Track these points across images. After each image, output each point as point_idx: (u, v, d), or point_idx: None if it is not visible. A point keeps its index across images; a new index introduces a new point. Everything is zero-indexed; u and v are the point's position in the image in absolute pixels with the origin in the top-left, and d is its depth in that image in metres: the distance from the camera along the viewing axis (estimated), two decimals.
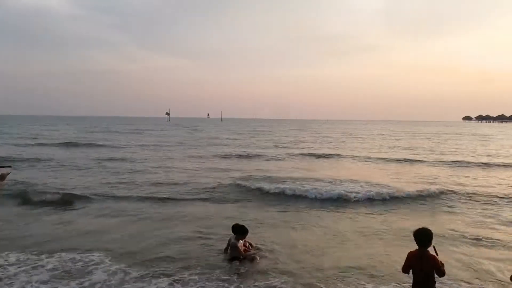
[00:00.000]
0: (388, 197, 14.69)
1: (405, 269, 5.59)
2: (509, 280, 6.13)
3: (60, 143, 39.02)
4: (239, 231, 8.73)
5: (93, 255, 8.42)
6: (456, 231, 10.57)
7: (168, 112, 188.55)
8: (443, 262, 5.40)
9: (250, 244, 8.99)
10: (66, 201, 13.92)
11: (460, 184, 18.11)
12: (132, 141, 44.75)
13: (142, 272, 7.64)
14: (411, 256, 5.51)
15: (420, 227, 5.60)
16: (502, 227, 11.04)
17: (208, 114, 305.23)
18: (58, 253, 8.48)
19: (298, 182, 17.49)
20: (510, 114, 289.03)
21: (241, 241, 8.68)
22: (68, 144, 38.06)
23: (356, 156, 30.82)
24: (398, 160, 28.45)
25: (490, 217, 12.23)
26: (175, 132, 74.68)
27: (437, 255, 5.40)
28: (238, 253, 8.46)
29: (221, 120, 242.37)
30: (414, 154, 33.24)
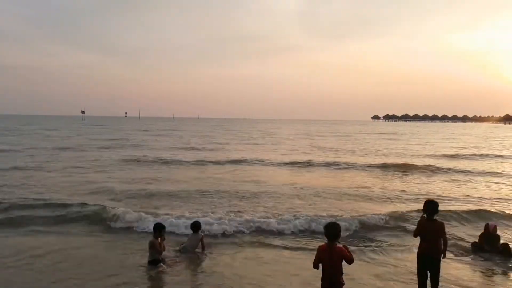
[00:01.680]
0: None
1: (315, 264, 5.66)
2: None
3: None
4: (155, 228, 8.52)
5: None
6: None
7: (83, 110, 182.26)
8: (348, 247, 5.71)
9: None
10: None
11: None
12: (28, 143, 39.22)
13: None
14: (321, 250, 5.63)
15: (330, 221, 5.96)
16: None
17: (126, 113, 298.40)
18: None
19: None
20: (413, 114, 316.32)
21: (159, 239, 8.40)
22: None
23: (264, 161, 27.06)
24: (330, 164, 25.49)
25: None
26: (87, 130, 69.22)
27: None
28: (156, 253, 8.22)
29: (139, 119, 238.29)
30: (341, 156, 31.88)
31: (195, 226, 9.27)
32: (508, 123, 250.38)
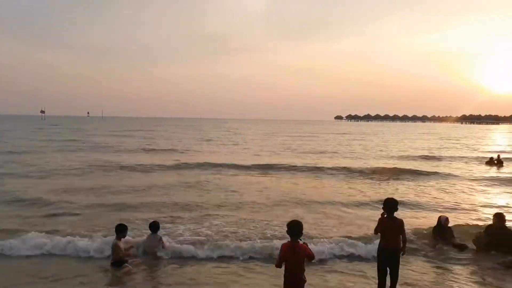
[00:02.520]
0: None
1: (280, 263, 5.70)
2: None
3: None
4: (117, 229, 8.40)
5: None
6: None
7: (43, 110, 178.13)
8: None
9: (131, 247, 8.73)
10: None
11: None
12: None
13: None
14: (285, 248, 5.67)
15: (293, 219, 5.92)
16: None
17: (88, 113, 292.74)
18: None
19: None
20: (375, 114, 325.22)
21: (123, 240, 8.36)
22: None
23: (228, 164, 25.16)
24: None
25: None
26: (45, 131, 64.98)
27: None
28: (119, 255, 8.15)
29: (102, 119, 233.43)
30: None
31: (154, 226, 9.06)
32: (465, 123, 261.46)
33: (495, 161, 28.11)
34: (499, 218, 9.36)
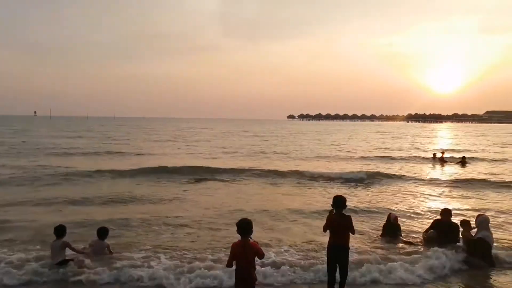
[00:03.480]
0: None
1: (230, 263, 5.74)
2: None
3: None
4: (58, 231, 8.09)
5: None
6: None
7: None
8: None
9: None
10: None
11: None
12: None
13: None
14: (235, 247, 5.70)
15: (242, 218, 5.87)
16: None
17: (35, 112, 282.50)
18: None
19: None
20: (326, 113, 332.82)
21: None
22: None
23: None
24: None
25: None
26: None
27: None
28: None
29: (50, 118, 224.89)
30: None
31: (102, 233, 8.65)
32: (411, 122, 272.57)
33: (439, 158, 29.61)
34: (446, 213, 10.05)
